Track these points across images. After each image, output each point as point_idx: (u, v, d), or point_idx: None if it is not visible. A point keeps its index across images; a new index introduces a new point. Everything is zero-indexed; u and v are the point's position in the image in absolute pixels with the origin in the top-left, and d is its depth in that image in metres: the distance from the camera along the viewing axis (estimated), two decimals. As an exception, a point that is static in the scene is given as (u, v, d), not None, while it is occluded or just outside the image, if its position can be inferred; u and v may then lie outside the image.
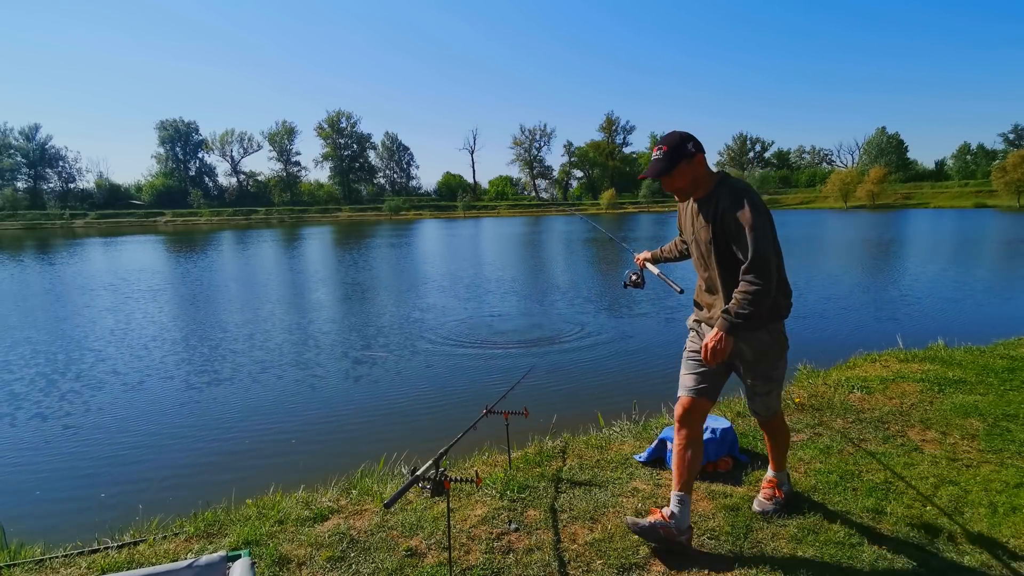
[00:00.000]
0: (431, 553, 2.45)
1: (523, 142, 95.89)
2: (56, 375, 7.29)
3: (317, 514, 2.83)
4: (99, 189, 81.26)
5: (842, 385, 4.51)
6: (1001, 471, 3.02)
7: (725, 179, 2.34)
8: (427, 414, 5.83)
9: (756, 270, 2.14)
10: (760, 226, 2.16)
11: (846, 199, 69.30)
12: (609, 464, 3.29)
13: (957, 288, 12.50)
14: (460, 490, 2.96)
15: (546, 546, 2.46)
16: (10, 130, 78.84)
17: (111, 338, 9.24)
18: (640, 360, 7.51)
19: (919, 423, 3.71)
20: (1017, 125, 79.49)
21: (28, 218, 68.45)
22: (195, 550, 2.58)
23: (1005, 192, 60.11)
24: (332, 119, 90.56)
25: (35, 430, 5.59)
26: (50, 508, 4.22)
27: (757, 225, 2.16)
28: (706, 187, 2.35)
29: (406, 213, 77.61)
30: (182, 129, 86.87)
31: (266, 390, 6.63)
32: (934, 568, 2.25)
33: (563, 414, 5.03)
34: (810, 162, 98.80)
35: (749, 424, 3.79)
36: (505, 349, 8.22)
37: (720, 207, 2.27)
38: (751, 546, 2.42)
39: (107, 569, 2.40)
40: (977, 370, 4.77)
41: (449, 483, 2.07)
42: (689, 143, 2.31)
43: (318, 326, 10.07)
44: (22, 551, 2.78)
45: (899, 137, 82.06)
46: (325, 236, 39.57)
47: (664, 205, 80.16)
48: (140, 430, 5.56)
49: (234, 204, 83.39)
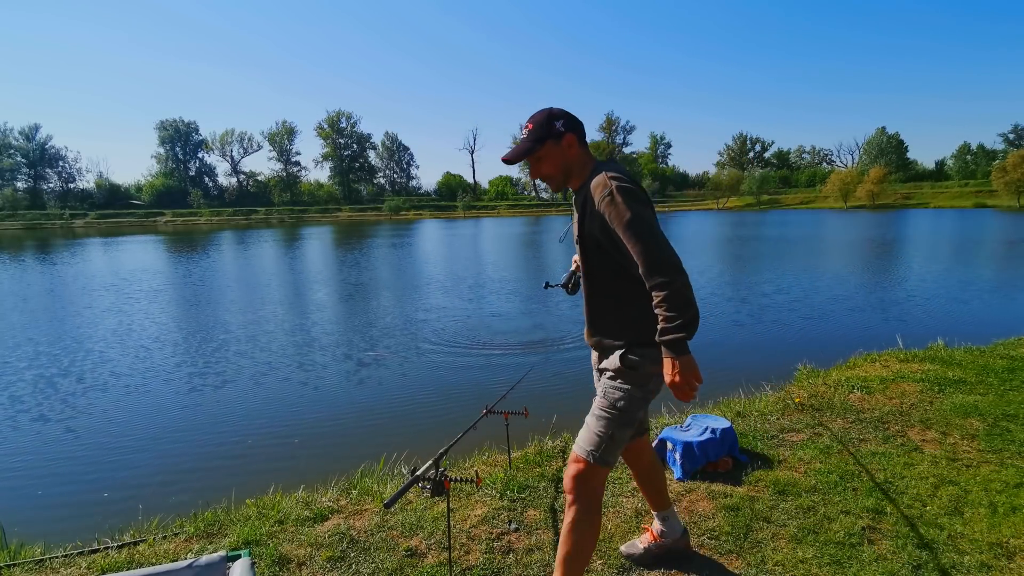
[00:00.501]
0: (431, 553, 2.45)
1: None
2: (57, 376, 7.28)
3: (317, 514, 2.83)
4: (99, 189, 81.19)
5: (842, 385, 4.51)
6: (1001, 471, 3.02)
7: (600, 166, 1.88)
8: (427, 414, 5.82)
9: (655, 268, 1.69)
10: (640, 217, 1.73)
11: (846, 199, 69.27)
12: (609, 464, 3.29)
13: (957, 288, 12.49)
14: (460, 490, 2.96)
15: (546, 546, 2.46)
16: (10, 130, 78.84)
17: (112, 339, 9.24)
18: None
19: (919, 423, 3.70)
20: (1017, 125, 79.51)
21: (28, 218, 68.39)
22: (195, 550, 2.58)
23: (1005, 192, 60.08)
24: (332, 119, 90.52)
25: (36, 430, 5.59)
26: (50, 508, 4.22)
27: (636, 217, 1.72)
28: (580, 176, 1.91)
29: (406, 213, 77.55)
30: (182, 129, 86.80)
31: (266, 390, 6.63)
32: (934, 568, 2.25)
33: (563, 414, 5.02)
34: (810, 162, 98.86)
35: (749, 424, 3.79)
36: (505, 349, 8.21)
37: (588, 201, 1.84)
38: (751, 546, 2.42)
39: (107, 569, 2.40)
40: (977, 370, 4.77)
41: (449, 483, 2.07)
42: (559, 120, 1.89)
43: (318, 327, 10.06)
44: (22, 551, 2.78)
45: (899, 137, 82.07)
46: (325, 236, 39.55)
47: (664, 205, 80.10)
48: (140, 430, 5.56)
49: (234, 204, 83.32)
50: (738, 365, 6.90)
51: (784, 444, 3.47)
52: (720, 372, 6.70)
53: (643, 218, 1.73)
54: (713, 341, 8.36)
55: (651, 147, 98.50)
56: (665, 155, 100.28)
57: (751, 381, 5.31)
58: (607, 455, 1.89)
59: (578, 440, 1.95)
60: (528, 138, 1.90)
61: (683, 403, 4.80)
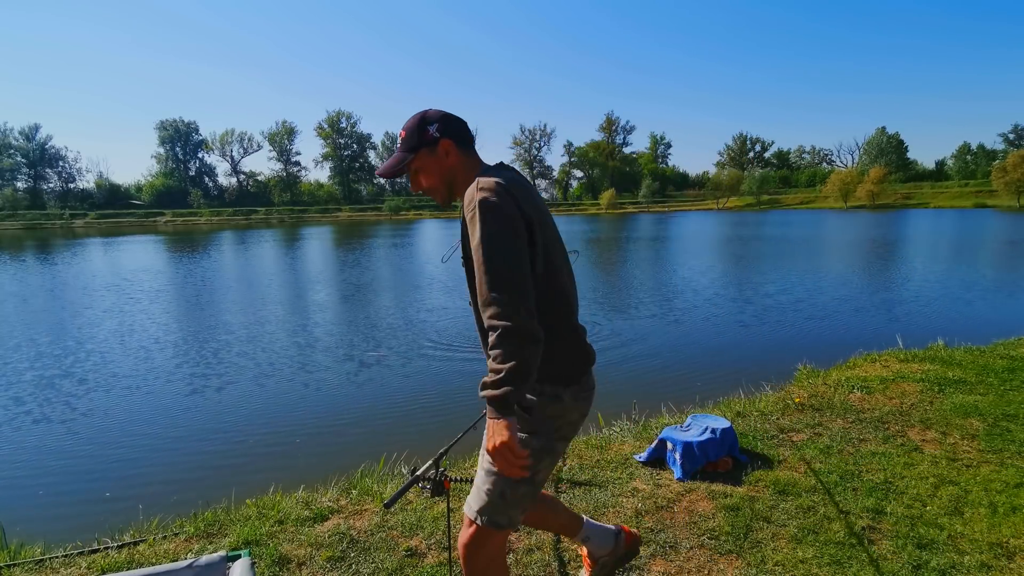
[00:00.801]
0: (431, 553, 2.45)
1: (523, 142, 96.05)
2: (58, 377, 7.28)
3: (317, 514, 2.83)
4: (99, 189, 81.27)
5: (842, 385, 4.51)
6: (1001, 471, 3.02)
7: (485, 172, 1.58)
8: (427, 414, 5.82)
9: (487, 303, 1.38)
10: (491, 237, 1.41)
11: (846, 199, 69.30)
12: (609, 464, 3.29)
13: (957, 288, 12.48)
14: (460, 490, 2.96)
15: (546, 546, 2.46)
16: (10, 130, 78.97)
17: (113, 339, 9.24)
18: (640, 360, 7.51)
19: (919, 423, 3.70)
20: (1017, 125, 79.57)
21: (28, 218, 68.42)
22: (195, 550, 2.58)
23: (1005, 192, 60.12)
24: (332, 119, 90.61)
25: (37, 431, 5.59)
26: (50, 508, 4.22)
27: (488, 237, 1.41)
28: (465, 186, 1.58)
29: (406, 213, 77.59)
30: (182, 129, 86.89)
31: (267, 391, 6.63)
32: (934, 568, 2.25)
33: (563, 414, 5.02)
34: (810, 162, 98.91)
35: (749, 424, 3.79)
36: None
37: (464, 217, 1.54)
38: (751, 546, 2.42)
39: (107, 569, 2.40)
40: (977, 370, 4.77)
41: (449, 483, 2.06)
42: (432, 124, 1.61)
43: (319, 327, 10.06)
44: (22, 551, 2.78)
45: (899, 137, 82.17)
46: (325, 236, 39.54)
47: (665, 205, 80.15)
48: (140, 430, 5.56)
49: (234, 204, 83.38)
50: (738, 365, 6.90)
51: (784, 444, 3.47)
52: (720, 372, 6.71)
53: (495, 239, 1.40)
54: (714, 341, 8.37)
55: (651, 147, 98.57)
56: (665, 155, 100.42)
57: (751, 381, 5.31)
58: (498, 517, 1.60)
59: (468, 498, 1.68)
60: (401, 148, 1.64)
61: (683, 403, 4.81)
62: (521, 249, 1.43)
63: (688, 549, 2.43)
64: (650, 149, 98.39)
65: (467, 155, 1.65)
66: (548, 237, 1.57)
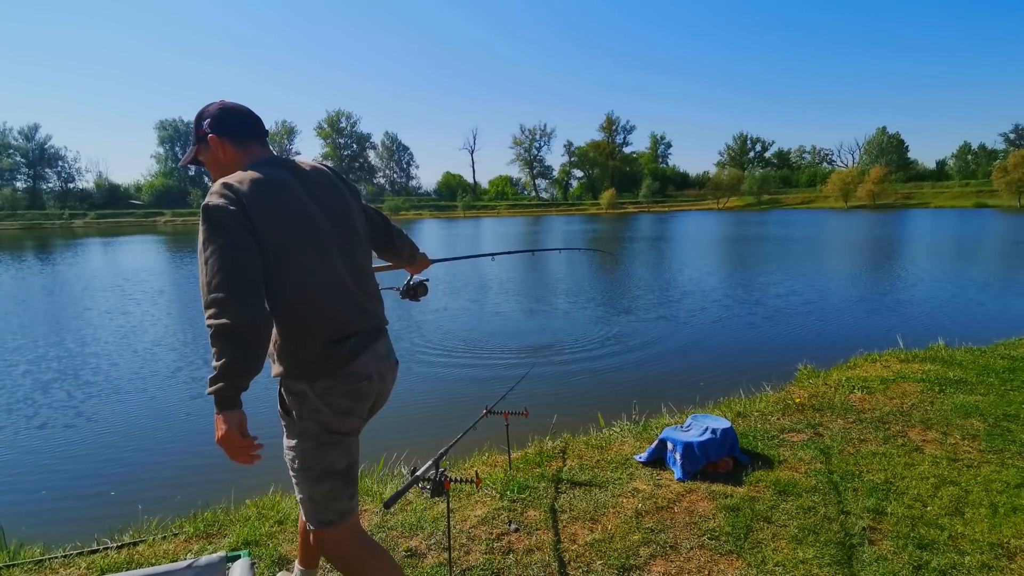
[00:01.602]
0: (431, 553, 2.45)
1: (523, 142, 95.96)
2: (59, 377, 7.28)
3: (317, 514, 2.82)
4: (98, 189, 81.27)
5: (843, 385, 4.51)
6: (1002, 471, 3.01)
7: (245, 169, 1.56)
8: (427, 414, 5.82)
9: (205, 305, 1.42)
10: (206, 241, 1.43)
11: (846, 199, 69.26)
12: (609, 464, 3.29)
13: (958, 288, 12.48)
14: (460, 490, 2.96)
15: (546, 546, 2.46)
16: (9, 130, 78.93)
17: (113, 339, 9.24)
18: (640, 360, 7.51)
19: (920, 423, 3.70)
20: (1018, 125, 79.54)
21: (27, 218, 68.41)
22: (195, 550, 2.58)
23: (1006, 192, 60.10)
24: (332, 119, 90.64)
25: (36, 432, 5.58)
26: (50, 508, 4.22)
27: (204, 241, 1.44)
28: None
29: (406, 213, 77.55)
30: (182, 129, 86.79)
31: (266, 391, 6.62)
32: (935, 568, 2.24)
33: (563, 414, 5.02)
34: (810, 162, 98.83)
35: (750, 424, 3.79)
36: (505, 349, 8.21)
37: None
38: (751, 546, 2.42)
39: (107, 569, 2.40)
40: (978, 370, 4.76)
41: (449, 483, 2.07)
42: (206, 120, 1.60)
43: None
44: (22, 551, 2.78)
45: (899, 137, 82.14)
46: (325, 236, 39.45)
47: (665, 205, 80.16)
48: (140, 431, 5.56)
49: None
50: (738, 365, 6.90)
51: (785, 444, 3.47)
52: (721, 372, 6.71)
53: (208, 243, 1.42)
54: (714, 341, 8.37)
55: (651, 147, 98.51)
56: (665, 155, 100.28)
57: (751, 381, 5.31)
58: (322, 516, 1.66)
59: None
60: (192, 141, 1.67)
61: (683, 403, 4.81)
62: (236, 252, 1.42)
63: (688, 549, 2.42)
64: (650, 149, 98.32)
65: (243, 150, 1.62)
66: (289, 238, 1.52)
